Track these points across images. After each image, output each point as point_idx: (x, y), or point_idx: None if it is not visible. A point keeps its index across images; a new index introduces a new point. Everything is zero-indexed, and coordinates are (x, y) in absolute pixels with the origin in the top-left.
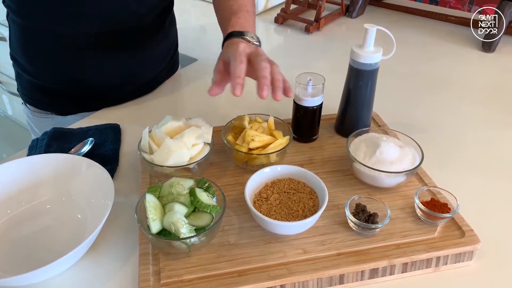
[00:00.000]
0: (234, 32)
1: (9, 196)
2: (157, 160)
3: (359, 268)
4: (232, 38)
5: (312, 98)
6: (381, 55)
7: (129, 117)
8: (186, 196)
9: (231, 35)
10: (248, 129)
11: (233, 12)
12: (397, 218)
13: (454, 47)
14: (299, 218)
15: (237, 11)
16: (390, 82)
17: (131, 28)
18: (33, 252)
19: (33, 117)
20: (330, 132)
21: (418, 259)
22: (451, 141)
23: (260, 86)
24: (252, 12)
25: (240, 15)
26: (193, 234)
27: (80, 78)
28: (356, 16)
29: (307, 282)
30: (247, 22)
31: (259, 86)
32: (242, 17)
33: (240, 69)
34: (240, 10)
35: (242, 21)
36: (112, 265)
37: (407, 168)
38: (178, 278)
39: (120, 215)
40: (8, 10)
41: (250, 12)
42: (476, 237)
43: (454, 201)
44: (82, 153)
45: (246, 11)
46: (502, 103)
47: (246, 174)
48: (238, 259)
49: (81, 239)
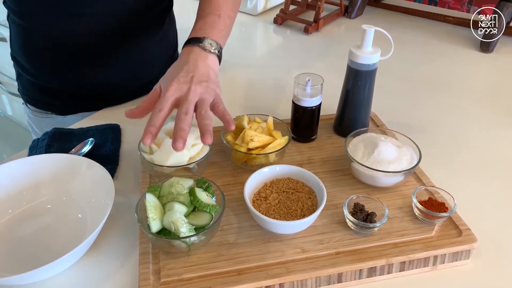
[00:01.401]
0: (192, 39)
1: (10, 196)
2: (157, 160)
3: (357, 267)
4: (188, 45)
5: (310, 99)
6: (379, 56)
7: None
8: (185, 196)
9: (189, 41)
10: (247, 129)
11: (203, 15)
12: (395, 217)
13: (453, 48)
14: (297, 217)
15: (207, 15)
16: (388, 83)
17: (130, 28)
18: (34, 251)
19: (33, 117)
20: (328, 132)
21: (416, 258)
22: (449, 141)
23: (174, 138)
24: (227, 16)
25: (208, 19)
26: (192, 233)
27: (80, 78)
28: (355, 16)
29: (305, 281)
30: (212, 28)
31: (174, 138)
32: (209, 22)
33: (156, 117)
34: (210, 14)
35: (207, 26)
36: (112, 264)
37: (405, 167)
38: (177, 277)
39: (120, 215)
40: (9, 11)
41: (223, 17)
42: (473, 236)
43: (452, 200)
44: (83, 153)
45: (217, 15)
46: (500, 104)
47: (245, 174)
48: (237, 258)
49: (81, 239)
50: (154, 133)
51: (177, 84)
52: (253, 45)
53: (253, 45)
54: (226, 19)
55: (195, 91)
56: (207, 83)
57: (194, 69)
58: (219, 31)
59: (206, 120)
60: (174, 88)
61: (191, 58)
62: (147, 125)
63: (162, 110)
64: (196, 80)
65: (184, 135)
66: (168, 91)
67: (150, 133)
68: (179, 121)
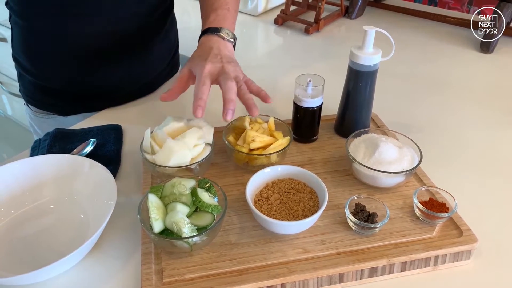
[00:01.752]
0: (210, 29)
1: (12, 196)
2: (159, 160)
3: (359, 267)
4: (207, 34)
5: (312, 99)
6: (380, 57)
7: (130, 117)
8: (188, 196)
9: (206, 31)
10: (249, 130)
11: (213, 9)
12: (396, 217)
13: (453, 48)
14: (299, 217)
15: (217, 8)
16: (389, 83)
17: (131, 29)
18: (36, 251)
19: (35, 118)
20: (329, 133)
21: (417, 258)
22: (450, 142)
23: (224, 110)
24: (234, 10)
25: (219, 12)
26: (195, 233)
27: (81, 78)
28: (356, 17)
29: (307, 281)
30: (225, 20)
31: (224, 109)
32: (221, 15)
33: (202, 91)
34: (220, 8)
35: (220, 18)
36: (114, 264)
37: (406, 168)
38: (180, 277)
39: (122, 215)
40: (11, 12)
41: (231, 10)
42: (474, 237)
43: (452, 201)
44: (84, 153)
45: (226, 9)
46: (500, 104)
47: (247, 174)
48: (239, 258)
49: (84, 239)
50: (203, 106)
51: (211, 63)
52: (254, 45)
53: (253, 46)
54: (233, 12)
55: (228, 68)
56: (235, 63)
57: (220, 52)
58: (230, 23)
59: (247, 94)
60: (210, 66)
61: (214, 44)
62: (196, 99)
63: (205, 84)
64: (225, 60)
65: (232, 106)
66: (205, 68)
67: (200, 106)
68: (226, 91)
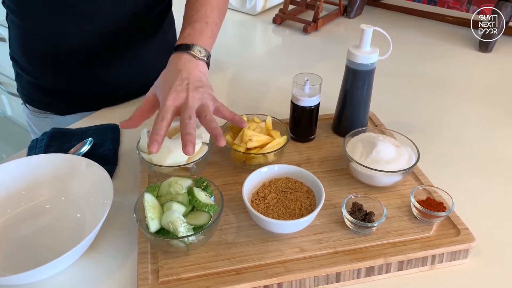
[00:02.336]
0: (181, 45)
1: (9, 196)
2: (155, 160)
3: (356, 266)
4: (177, 52)
5: (309, 98)
6: (378, 56)
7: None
8: (184, 196)
9: (178, 48)
10: (246, 129)
11: (191, 22)
12: (393, 216)
13: (452, 48)
14: (296, 217)
15: (195, 22)
16: (387, 82)
17: (130, 29)
18: (33, 251)
19: (32, 117)
20: (327, 132)
21: (414, 257)
22: (447, 141)
23: (183, 144)
24: (214, 23)
25: (196, 26)
26: (191, 233)
27: (78, 78)
28: (354, 16)
29: (304, 280)
30: (201, 34)
31: (182, 143)
32: (197, 29)
33: (160, 126)
34: (198, 21)
35: (196, 32)
36: (111, 263)
37: (403, 167)
38: (176, 277)
39: (119, 215)
40: (8, 11)
41: (210, 24)
42: (471, 236)
43: (450, 200)
44: (81, 153)
45: (205, 22)
46: (499, 103)
47: (244, 174)
48: (235, 258)
49: (80, 238)
50: (160, 141)
51: (175, 93)
52: (252, 45)
53: (252, 45)
54: (213, 26)
55: (193, 97)
56: (203, 88)
57: (188, 76)
58: (206, 38)
59: (213, 123)
60: (173, 97)
61: (182, 66)
62: (152, 134)
63: (164, 119)
64: (192, 86)
65: (192, 139)
66: (167, 100)
67: (156, 141)
68: (184, 127)
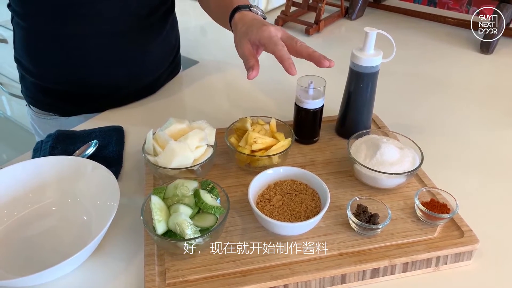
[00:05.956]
0: (241, 6)
1: (15, 198)
2: (161, 162)
3: (361, 268)
4: (240, 10)
5: (313, 101)
6: (381, 58)
7: (132, 119)
8: (190, 198)
9: (238, 8)
10: (251, 131)
11: None
12: (398, 218)
13: (453, 49)
14: (301, 219)
15: None
16: (390, 84)
17: (133, 30)
18: (39, 253)
19: (37, 119)
20: (331, 134)
21: (418, 259)
22: (451, 142)
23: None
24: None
25: None
26: (198, 235)
27: (83, 79)
28: (356, 18)
29: (309, 282)
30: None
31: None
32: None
33: (285, 51)
34: None
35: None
36: (117, 265)
37: (407, 169)
38: (183, 278)
39: (124, 217)
40: (13, 13)
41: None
42: (475, 237)
43: (454, 201)
44: (87, 155)
45: None
46: (501, 104)
47: (249, 176)
48: (241, 260)
49: (87, 241)
50: (293, 63)
51: (272, 26)
52: None
53: None
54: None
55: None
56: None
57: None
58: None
59: (309, 48)
60: (273, 29)
61: (254, 16)
62: (285, 60)
63: (281, 45)
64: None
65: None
66: (271, 32)
67: (292, 63)
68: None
